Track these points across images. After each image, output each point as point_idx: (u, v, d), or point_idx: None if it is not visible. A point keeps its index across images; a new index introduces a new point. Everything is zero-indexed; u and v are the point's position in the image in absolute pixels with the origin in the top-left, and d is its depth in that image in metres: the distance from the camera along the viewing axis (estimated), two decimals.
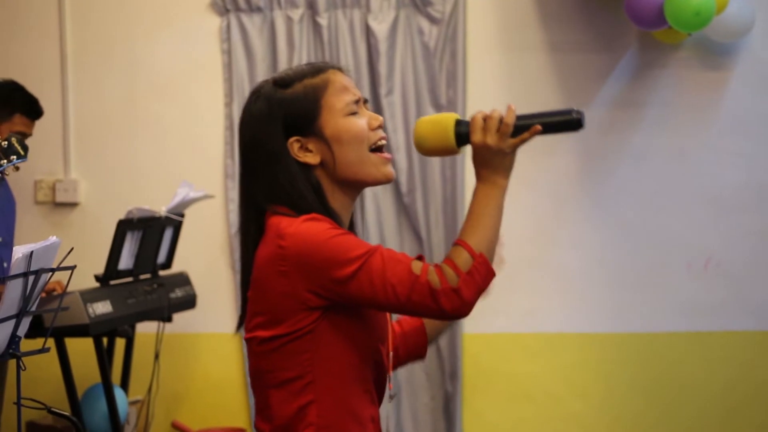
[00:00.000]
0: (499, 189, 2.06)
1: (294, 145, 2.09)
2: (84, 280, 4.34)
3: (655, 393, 5.05)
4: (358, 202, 2.19)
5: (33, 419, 4.95)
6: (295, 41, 5.11)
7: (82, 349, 4.52)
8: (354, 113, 2.11)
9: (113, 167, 5.33)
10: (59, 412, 3.24)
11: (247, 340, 2.09)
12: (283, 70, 2.21)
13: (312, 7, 5.11)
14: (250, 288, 2.09)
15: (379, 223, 5.11)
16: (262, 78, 3.80)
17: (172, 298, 4.74)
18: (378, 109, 5.03)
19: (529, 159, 5.09)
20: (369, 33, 5.08)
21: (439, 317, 2.01)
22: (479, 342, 5.11)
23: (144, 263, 4.64)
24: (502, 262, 2.24)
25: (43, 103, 4.42)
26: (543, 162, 5.03)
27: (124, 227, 4.43)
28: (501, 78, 5.12)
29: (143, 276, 4.68)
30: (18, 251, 2.84)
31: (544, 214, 5.09)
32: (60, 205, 5.36)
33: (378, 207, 5.11)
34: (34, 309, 3.04)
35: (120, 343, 4.83)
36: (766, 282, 5.02)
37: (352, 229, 2.17)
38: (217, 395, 5.25)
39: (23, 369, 2.98)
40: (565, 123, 2.07)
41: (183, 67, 5.29)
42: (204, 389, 5.28)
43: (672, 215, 5.04)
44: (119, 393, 4.64)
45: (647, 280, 5.05)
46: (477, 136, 2.05)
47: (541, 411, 5.10)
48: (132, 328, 4.76)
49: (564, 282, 5.09)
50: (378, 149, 2.13)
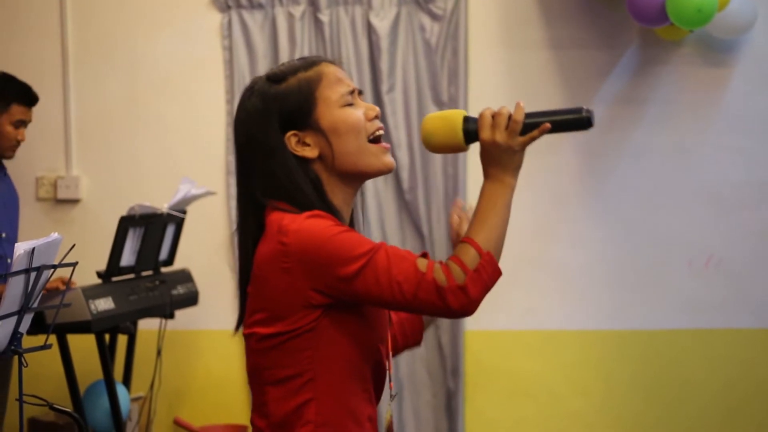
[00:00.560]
0: (507, 187, 2.04)
1: (291, 140, 2.07)
2: (86, 276, 4.35)
3: (656, 390, 5.05)
4: (358, 198, 2.17)
5: (35, 416, 4.95)
6: (297, 38, 5.11)
7: (84, 346, 4.52)
8: (349, 104, 2.09)
9: (115, 164, 5.33)
10: (61, 408, 3.24)
11: (246, 336, 2.08)
12: (276, 66, 2.19)
13: (313, 4, 5.11)
14: (249, 284, 2.07)
15: (381, 220, 5.11)
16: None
17: (174, 294, 4.74)
18: (379, 106, 5.01)
19: (530, 156, 5.06)
20: (370, 30, 5.08)
21: (446, 315, 1.99)
22: (481, 339, 5.11)
23: (146, 260, 4.64)
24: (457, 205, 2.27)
25: (45, 100, 4.43)
26: (544, 159, 5.03)
27: (125, 224, 4.43)
28: (502, 75, 5.12)
29: (145, 273, 4.67)
30: (20, 248, 2.84)
31: (545, 211, 5.09)
32: (61, 202, 5.35)
33: (380, 203, 5.11)
34: (35, 305, 3.04)
35: (122, 340, 4.83)
36: (766, 280, 5.01)
37: (352, 225, 2.15)
38: (219, 392, 5.25)
39: (25, 366, 2.98)
40: (575, 122, 2.05)
41: (184, 64, 5.29)
42: (206, 386, 5.28)
43: (673, 212, 5.04)
44: (121, 390, 4.64)
45: (648, 277, 5.05)
46: (486, 133, 2.03)
47: (542, 408, 5.10)
48: (134, 324, 4.75)
49: (565, 279, 5.09)
50: (376, 139, 2.11)
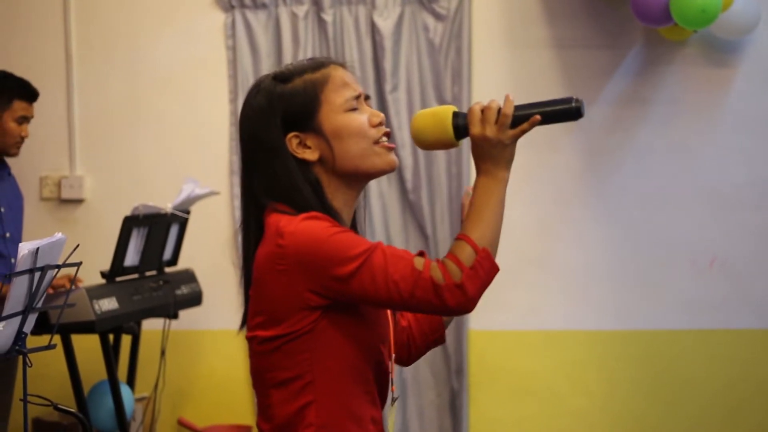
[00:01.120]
0: (500, 182, 2.02)
1: (292, 141, 2.06)
2: (89, 276, 4.35)
3: (658, 390, 5.05)
4: (362, 199, 2.16)
5: (39, 416, 4.95)
6: (300, 38, 5.11)
7: (88, 346, 4.52)
8: (354, 109, 2.07)
9: (118, 164, 5.33)
10: (65, 408, 3.24)
11: (248, 339, 2.07)
12: (285, 64, 2.18)
13: (317, 4, 5.11)
14: (251, 287, 2.07)
15: (385, 220, 5.11)
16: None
17: (177, 294, 4.74)
18: (383, 106, 5.03)
19: (533, 155, 5.14)
20: (374, 29, 5.08)
21: (443, 313, 1.98)
22: (485, 339, 5.11)
23: (150, 260, 4.64)
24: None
25: (49, 100, 4.43)
26: (547, 159, 5.03)
27: (129, 224, 4.43)
28: (506, 74, 5.11)
29: (149, 273, 4.67)
30: (24, 248, 2.84)
31: (548, 211, 5.09)
32: (65, 202, 5.36)
33: (383, 204, 5.11)
34: (40, 306, 3.04)
35: (126, 340, 4.83)
36: None
37: (354, 227, 2.14)
38: (223, 392, 5.25)
39: (29, 366, 2.99)
40: (565, 112, 2.02)
41: (188, 64, 5.29)
42: (210, 386, 5.28)
43: (675, 213, 5.03)
44: (125, 390, 4.64)
45: (651, 277, 5.05)
46: (475, 128, 2.02)
47: (545, 408, 5.10)
48: (138, 324, 4.76)
49: (568, 280, 5.09)
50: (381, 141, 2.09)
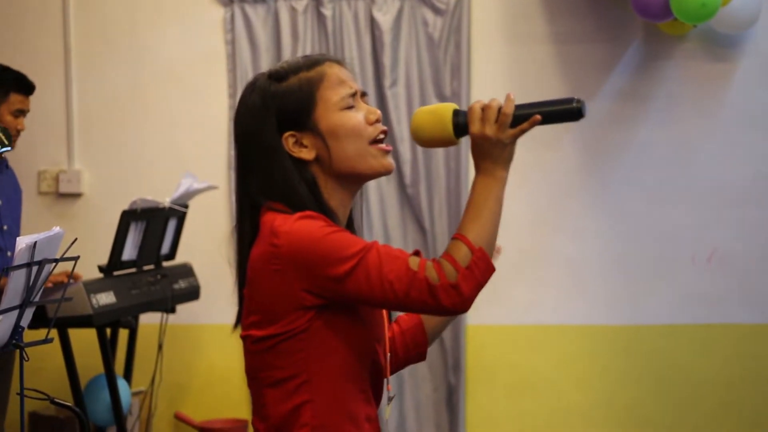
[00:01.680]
0: (499, 181, 2.00)
1: (288, 140, 2.04)
2: (87, 270, 4.34)
3: (658, 385, 5.05)
4: (358, 197, 2.14)
5: (36, 410, 4.95)
6: (299, 32, 5.10)
7: (85, 340, 4.52)
8: (350, 107, 2.06)
9: (117, 158, 5.32)
10: (62, 402, 3.23)
11: (243, 338, 2.06)
12: (279, 62, 2.16)
13: None
14: (246, 286, 2.06)
15: (383, 215, 5.11)
16: (266, 69, 3.78)
17: (175, 289, 4.74)
18: (382, 101, 5.03)
19: (534, 151, 5.13)
20: (373, 24, 5.07)
21: (438, 313, 1.96)
22: (482, 333, 5.11)
23: (147, 254, 4.63)
24: (498, 251, 2.19)
25: (47, 94, 4.42)
26: (547, 154, 5.02)
27: (127, 218, 4.42)
28: (505, 69, 5.11)
29: (147, 267, 4.67)
30: (21, 241, 2.83)
31: (548, 205, 5.09)
32: (63, 196, 5.35)
33: (381, 198, 5.10)
34: (37, 299, 3.03)
35: (123, 334, 4.83)
36: None
37: (350, 226, 2.13)
38: (220, 387, 5.25)
39: (26, 360, 2.98)
40: (566, 112, 2.00)
41: (187, 58, 5.28)
42: (207, 381, 5.28)
43: (676, 207, 5.03)
44: (122, 384, 4.64)
45: (651, 272, 5.04)
46: (475, 126, 1.99)
47: (544, 402, 5.10)
48: (135, 319, 4.75)
49: (567, 274, 5.08)
50: (378, 141, 2.07)
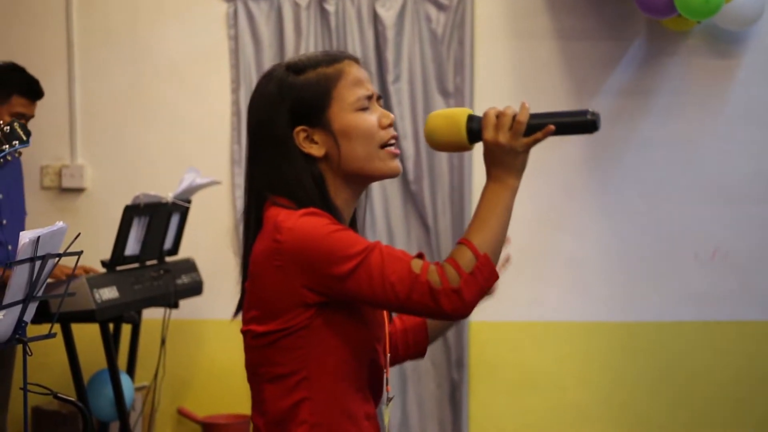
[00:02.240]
0: (509, 189, 2.00)
1: (300, 135, 2.04)
2: (90, 265, 4.34)
3: (662, 383, 5.04)
4: (364, 195, 2.14)
5: (39, 404, 4.95)
6: (303, 28, 5.10)
7: (88, 335, 4.52)
8: (365, 109, 2.05)
9: (119, 153, 5.32)
10: (65, 397, 3.23)
11: (243, 333, 2.07)
12: (298, 55, 2.15)
13: None
14: (248, 280, 2.06)
15: (386, 211, 5.10)
16: (269, 64, 3.78)
17: (178, 284, 4.74)
18: (385, 96, 5.02)
19: (537, 147, 5.08)
20: (376, 20, 5.07)
21: (439, 317, 1.96)
22: (486, 330, 5.10)
23: (150, 249, 4.63)
24: (507, 261, 2.20)
25: (50, 89, 4.40)
26: (550, 150, 4.98)
27: (130, 213, 4.42)
28: (508, 65, 5.10)
29: (150, 262, 4.67)
30: (24, 236, 2.83)
31: (551, 202, 5.08)
32: (66, 191, 5.35)
33: (385, 195, 5.10)
34: (40, 294, 3.03)
35: (126, 329, 4.83)
36: None
37: (353, 225, 2.12)
38: (223, 382, 5.25)
39: (29, 354, 2.98)
40: (580, 124, 2.01)
41: (190, 53, 5.28)
42: (210, 376, 5.28)
43: (679, 204, 5.03)
44: (125, 379, 4.64)
45: (654, 269, 5.04)
46: (489, 133, 1.99)
47: (547, 400, 5.09)
48: (138, 314, 4.75)
49: (570, 271, 5.08)
50: (388, 146, 2.07)
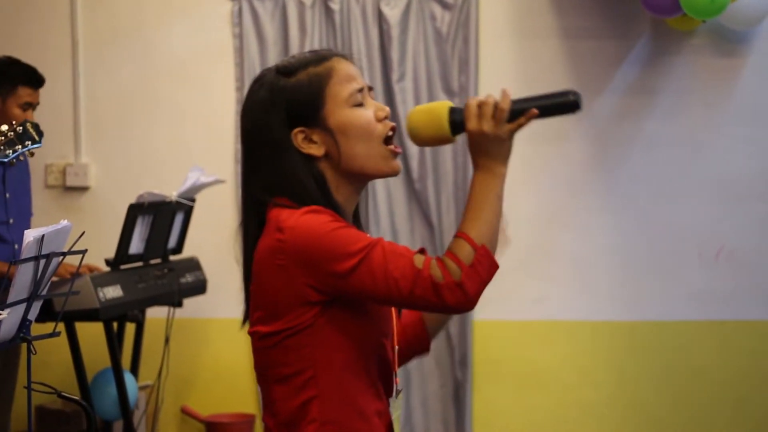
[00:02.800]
0: (498, 177, 1.99)
1: (298, 136, 2.03)
2: (94, 264, 4.34)
3: (666, 381, 5.04)
4: (366, 190, 2.14)
5: (43, 403, 4.95)
6: (307, 26, 5.09)
7: (92, 334, 4.52)
8: (359, 104, 2.05)
9: (124, 151, 5.32)
10: (69, 396, 3.23)
11: (250, 334, 2.06)
12: (287, 57, 2.15)
13: None
14: (252, 282, 2.06)
15: (390, 210, 5.10)
16: (273, 63, 3.77)
17: (182, 283, 4.73)
18: (390, 95, 5.02)
19: (541, 146, 5.12)
20: (381, 18, 5.06)
21: (443, 311, 1.96)
22: (489, 329, 5.10)
23: (154, 248, 4.63)
24: (507, 242, 2.19)
25: (55, 87, 4.42)
26: (555, 149, 5.01)
27: (134, 211, 4.42)
28: (513, 64, 5.10)
29: (154, 261, 4.67)
30: (29, 235, 2.83)
31: (556, 201, 5.07)
32: (70, 189, 5.35)
33: (389, 193, 5.10)
34: (44, 293, 3.03)
35: (130, 328, 4.83)
36: None
37: (356, 222, 2.12)
38: (227, 381, 5.25)
39: (33, 353, 2.98)
40: (562, 105, 1.99)
41: (194, 52, 5.28)
42: (214, 375, 5.28)
43: (684, 203, 5.03)
44: (129, 378, 4.64)
45: (659, 268, 5.04)
46: (472, 123, 1.98)
47: (552, 399, 5.09)
48: (142, 312, 4.75)
49: (575, 269, 5.08)
50: (388, 140, 2.07)
